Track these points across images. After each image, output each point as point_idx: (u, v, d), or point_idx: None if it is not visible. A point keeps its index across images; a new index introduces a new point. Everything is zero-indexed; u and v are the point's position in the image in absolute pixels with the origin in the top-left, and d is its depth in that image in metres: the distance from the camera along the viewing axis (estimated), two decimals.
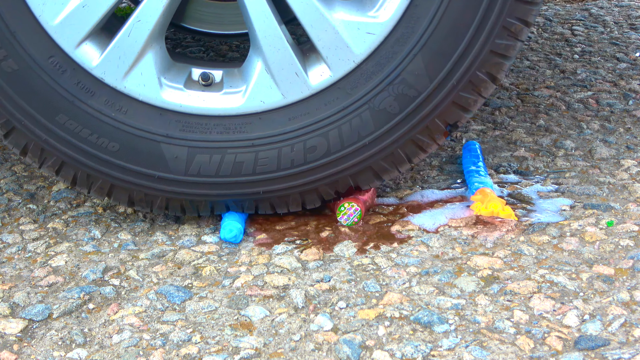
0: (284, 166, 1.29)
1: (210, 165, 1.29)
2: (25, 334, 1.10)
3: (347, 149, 1.28)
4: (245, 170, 1.29)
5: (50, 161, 1.31)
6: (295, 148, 1.28)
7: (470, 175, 1.48)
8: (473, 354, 1.01)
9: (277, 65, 1.25)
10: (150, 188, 1.31)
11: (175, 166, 1.29)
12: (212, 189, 1.31)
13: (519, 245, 1.27)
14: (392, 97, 1.25)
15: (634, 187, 1.47)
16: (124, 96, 1.27)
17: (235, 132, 1.28)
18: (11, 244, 1.36)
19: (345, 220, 1.36)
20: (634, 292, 1.13)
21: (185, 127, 1.28)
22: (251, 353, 1.03)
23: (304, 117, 1.27)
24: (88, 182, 1.32)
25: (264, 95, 1.26)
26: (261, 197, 1.32)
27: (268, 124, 1.28)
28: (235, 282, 1.21)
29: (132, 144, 1.28)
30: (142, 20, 1.23)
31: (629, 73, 2.21)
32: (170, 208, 1.34)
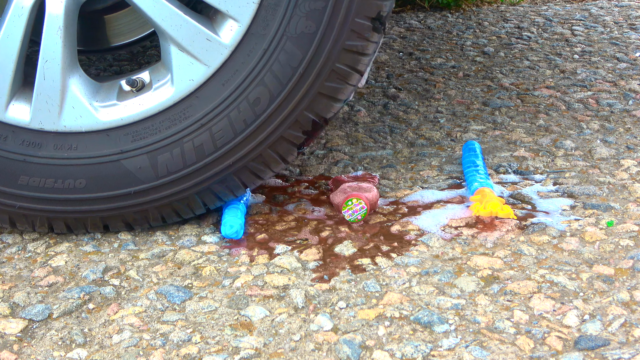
0: (240, 129, 1.27)
1: (175, 160, 1.29)
2: (25, 334, 1.10)
3: (288, 85, 1.26)
4: (207, 150, 1.28)
5: (38, 222, 1.33)
6: (241, 108, 1.26)
7: (470, 175, 1.49)
8: (473, 354, 1.01)
9: (187, 40, 1.24)
10: (135, 205, 1.32)
11: (144, 175, 1.29)
12: (189, 181, 1.30)
13: (519, 245, 1.27)
14: (303, 18, 1.22)
15: (634, 187, 1.47)
16: (68, 134, 1.28)
17: (181, 120, 1.28)
18: (11, 244, 1.36)
19: (349, 216, 1.36)
20: (634, 292, 1.13)
21: (135, 136, 1.28)
22: (251, 353, 1.03)
23: (236, 75, 1.26)
24: (81, 224, 1.34)
25: (189, 73, 1.26)
26: (236, 167, 1.30)
27: (207, 99, 1.27)
28: (235, 282, 1.21)
29: (95, 173, 1.29)
30: (49, 59, 1.24)
31: (628, 73, 2.21)
32: (165, 216, 1.34)
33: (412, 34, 2.73)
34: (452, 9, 3.10)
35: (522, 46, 2.53)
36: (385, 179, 1.56)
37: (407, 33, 2.74)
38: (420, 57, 2.43)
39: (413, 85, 2.16)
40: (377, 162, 1.65)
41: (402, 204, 1.44)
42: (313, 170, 1.62)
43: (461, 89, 2.12)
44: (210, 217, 1.41)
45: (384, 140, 1.78)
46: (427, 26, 2.84)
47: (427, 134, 1.80)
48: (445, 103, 2.01)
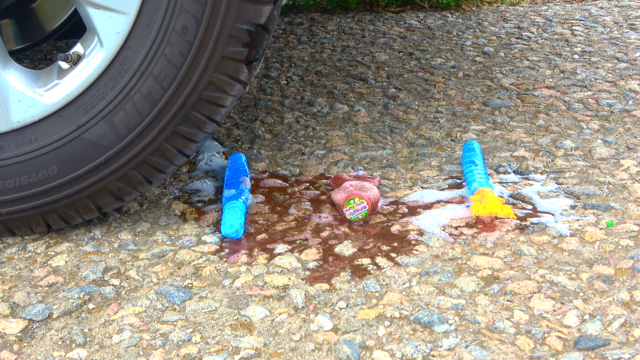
0: (179, 63, 1.25)
1: (130, 115, 1.27)
2: (25, 334, 1.10)
3: (207, 4, 1.24)
4: (157, 95, 1.27)
5: (34, 222, 1.33)
6: (173, 41, 1.24)
7: (470, 175, 1.49)
8: (473, 354, 1.01)
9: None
10: (112, 173, 1.30)
11: (107, 141, 1.28)
12: (152, 129, 1.28)
13: (519, 245, 1.28)
14: None
15: (633, 187, 1.47)
16: (24, 129, 1.29)
17: (122, 75, 1.26)
18: (11, 244, 1.36)
19: (350, 215, 1.36)
20: (634, 292, 1.13)
21: (86, 106, 1.27)
22: (251, 353, 1.03)
23: (156, 13, 1.23)
24: (73, 210, 1.33)
25: (112, 27, 1.24)
26: (192, 99, 1.28)
27: (138, 45, 1.25)
28: (235, 282, 1.21)
29: (62, 156, 1.29)
30: None
31: (628, 73, 2.21)
32: (148, 176, 1.32)
33: (412, 34, 2.73)
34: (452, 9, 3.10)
35: (522, 46, 2.53)
36: (385, 179, 1.56)
37: (407, 33, 2.74)
38: (420, 57, 2.43)
39: (413, 85, 2.16)
40: (377, 162, 1.65)
41: (402, 204, 1.44)
42: (313, 170, 1.62)
43: (461, 89, 2.12)
44: (210, 217, 1.41)
45: (384, 140, 1.78)
46: (427, 26, 2.84)
47: (427, 134, 1.80)
48: (445, 103, 2.01)
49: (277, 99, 2.06)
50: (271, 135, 1.82)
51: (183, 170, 1.63)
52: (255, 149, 1.74)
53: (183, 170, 1.63)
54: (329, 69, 2.31)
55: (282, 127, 1.87)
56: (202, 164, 1.65)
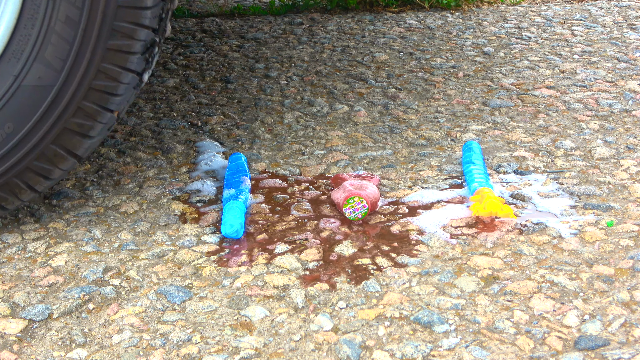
0: None
1: (59, 45, 1.24)
2: (25, 334, 1.10)
3: None
4: (74, 16, 1.25)
5: (18, 189, 1.31)
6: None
7: (470, 175, 1.49)
8: (473, 354, 1.01)
9: None
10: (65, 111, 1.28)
11: (47, 80, 1.25)
12: (85, 54, 1.26)
13: (519, 245, 1.28)
14: None
15: (633, 187, 1.47)
16: None
17: (38, 10, 1.24)
18: (11, 244, 1.36)
19: (350, 214, 1.36)
20: (634, 292, 1.13)
21: (15, 55, 1.24)
22: (251, 353, 1.03)
23: None
24: (48, 162, 1.30)
25: None
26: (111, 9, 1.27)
27: None
28: (235, 282, 1.21)
29: (13, 110, 1.26)
30: None
31: (628, 73, 2.21)
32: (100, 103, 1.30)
33: (412, 34, 2.73)
34: (452, 9, 3.10)
35: (522, 46, 2.53)
36: (385, 179, 1.56)
37: (407, 33, 2.74)
38: (420, 57, 2.43)
39: (413, 85, 2.16)
40: (377, 162, 1.65)
41: (402, 204, 1.44)
42: (313, 170, 1.62)
43: (461, 89, 2.12)
44: (210, 217, 1.41)
45: (384, 140, 1.78)
46: (427, 26, 2.84)
47: (427, 134, 1.80)
48: (445, 103, 2.01)
49: (277, 99, 2.06)
50: (271, 135, 1.82)
51: (183, 170, 1.63)
52: (255, 149, 1.74)
53: (183, 170, 1.63)
54: (329, 69, 2.31)
55: (282, 127, 1.87)
56: (202, 164, 1.65)
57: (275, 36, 2.70)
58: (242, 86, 2.17)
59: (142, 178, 1.60)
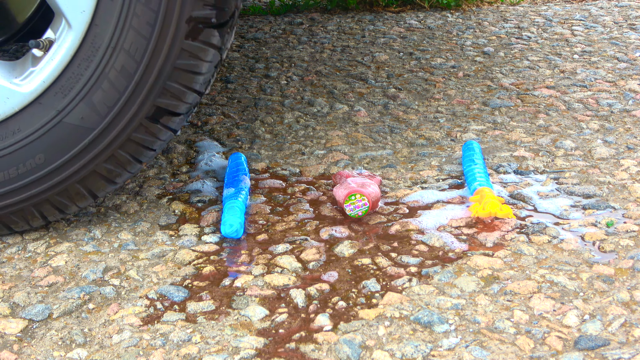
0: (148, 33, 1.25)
1: (108, 92, 1.26)
2: (25, 334, 1.10)
3: None
4: (131, 69, 1.26)
5: (30, 215, 1.33)
6: (138, 11, 1.24)
7: (470, 175, 1.49)
8: (473, 354, 1.01)
9: None
10: (99, 154, 1.29)
11: (89, 122, 1.27)
12: (135, 104, 1.28)
13: (519, 245, 1.27)
14: None
15: (633, 187, 1.47)
16: (6, 121, 1.28)
17: (94, 53, 1.25)
18: (11, 244, 1.35)
19: (350, 211, 1.36)
20: (634, 292, 1.13)
21: (63, 91, 1.27)
22: (251, 353, 1.03)
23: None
24: (67, 198, 1.32)
25: (77, 7, 1.24)
26: (166, 69, 1.28)
27: (105, 20, 1.24)
28: (235, 282, 1.21)
29: (48, 143, 1.28)
30: None
31: (628, 73, 2.21)
32: (135, 154, 1.31)
33: (412, 34, 2.73)
34: (452, 9, 3.10)
35: (522, 46, 2.53)
36: (385, 179, 1.56)
37: (407, 33, 2.74)
38: (420, 57, 2.43)
39: (413, 85, 2.16)
40: (377, 162, 1.65)
41: (402, 204, 1.44)
42: (313, 171, 1.62)
43: (461, 89, 2.12)
44: (210, 217, 1.41)
45: (384, 140, 1.78)
46: (427, 26, 2.84)
47: (427, 134, 1.80)
48: (445, 103, 2.01)
49: (277, 99, 2.06)
50: (271, 135, 1.82)
51: (183, 170, 1.63)
52: (255, 149, 1.74)
53: (183, 170, 1.63)
54: (329, 69, 2.31)
55: (282, 127, 1.87)
56: (202, 164, 1.65)
57: (275, 36, 2.70)
58: (242, 86, 2.17)
59: (142, 178, 1.60)
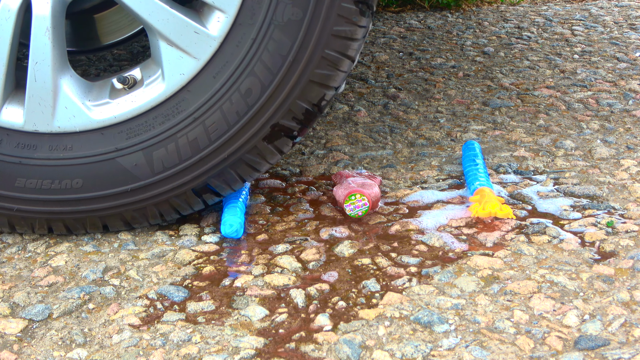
0: (234, 121, 1.27)
1: (170, 155, 1.28)
2: (25, 334, 1.10)
3: (279, 74, 1.25)
4: (202, 143, 1.28)
5: (37, 224, 1.33)
6: (233, 100, 1.26)
7: (470, 175, 1.48)
8: (473, 354, 1.01)
9: (175, 34, 1.24)
10: (133, 203, 1.31)
11: (140, 172, 1.29)
12: (185, 176, 1.30)
13: (519, 245, 1.27)
14: (290, 5, 1.22)
15: (634, 187, 1.47)
16: (63, 135, 1.28)
17: (174, 115, 1.28)
18: (11, 244, 1.36)
19: (350, 210, 1.36)
20: (634, 292, 1.13)
21: (129, 133, 1.28)
22: (251, 353, 1.03)
23: (226, 67, 1.25)
24: (79, 224, 1.34)
25: (180, 67, 1.25)
26: (231, 160, 1.30)
27: (199, 92, 1.27)
28: (235, 282, 1.21)
29: (91, 172, 1.29)
30: (39, 61, 1.25)
31: (628, 73, 2.21)
32: (164, 213, 1.34)
33: (412, 34, 2.73)
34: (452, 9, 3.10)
35: (522, 46, 2.53)
36: (385, 179, 1.56)
37: (407, 33, 2.74)
38: (420, 57, 2.43)
39: (413, 85, 2.16)
40: (377, 162, 1.65)
41: (402, 204, 1.44)
42: (313, 171, 1.62)
43: (461, 89, 2.12)
44: (210, 217, 1.41)
45: (384, 140, 1.78)
46: (427, 26, 2.84)
47: (427, 134, 1.80)
48: (445, 103, 2.01)
49: None
50: None
51: None
52: None
53: None
54: None
55: None
56: None
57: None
58: None
59: None
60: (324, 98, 1.28)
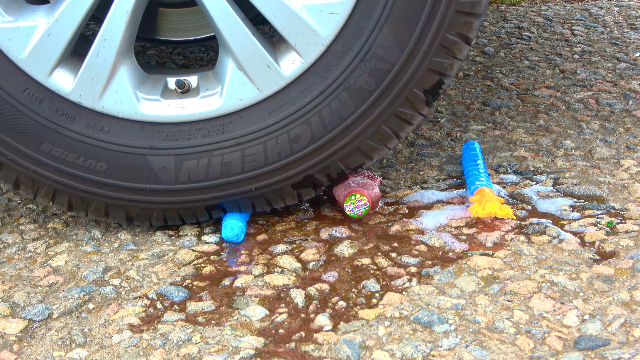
0: (272, 159, 1.29)
1: (199, 169, 1.29)
2: (25, 334, 1.10)
3: (331, 133, 1.27)
4: (234, 169, 1.29)
5: (43, 191, 1.32)
6: (280, 140, 1.28)
7: (470, 175, 1.48)
8: (473, 354, 1.01)
9: (247, 61, 1.24)
10: (144, 202, 1.31)
11: (164, 176, 1.29)
12: (204, 193, 1.31)
13: (519, 245, 1.27)
14: (366, 74, 1.24)
15: (634, 187, 1.47)
16: (104, 116, 1.28)
17: (218, 134, 1.28)
18: (11, 244, 1.36)
19: (350, 210, 1.36)
20: (634, 292, 1.13)
21: (168, 136, 1.28)
22: (251, 353, 1.03)
23: (284, 108, 1.27)
24: (84, 205, 1.33)
25: (240, 92, 1.26)
26: (255, 194, 1.32)
27: (249, 121, 1.27)
28: (235, 282, 1.21)
29: (119, 161, 1.29)
30: (108, 39, 1.24)
31: (629, 73, 2.21)
32: (168, 219, 1.34)
33: None
34: None
35: (522, 46, 2.53)
36: (385, 179, 1.56)
37: None
38: None
39: None
40: (377, 162, 1.65)
41: (402, 204, 1.44)
42: None
43: (461, 89, 2.12)
44: None
45: None
46: None
47: (427, 134, 1.80)
48: (445, 103, 2.01)
49: None
50: None
51: None
52: None
53: None
54: None
55: None
56: None
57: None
58: None
59: None
60: (361, 166, 1.32)
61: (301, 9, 1.22)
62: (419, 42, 1.23)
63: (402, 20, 1.21)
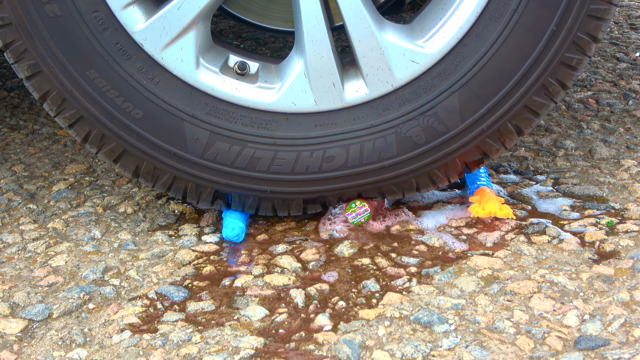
0: (298, 170, 1.29)
1: (228, 154, 1.29)
2: (25, 334, 1.10)
3: (364, 167, 1.29)
4: (260, 166, 1.29)
5: (68, 113, 1.28)
6: (314, 155, 1.28)
7: (470, 175, 1.48)
8: (473, 354, 1.01)
9: (316, 72, 1.25)
10: (162, 162, 1.30)
11: (193, 147, 1.28)
12: (222, 178, 1.30)
13: (519, 245, 1.27)
14: (420, 128, 1.26)
15: (634, 187, 1.47)
16: (159, 67, 1.26)
17: (259, 128, 1.28)
18: (11, 244, 1.36)
19: (352, 219, 1.36)
20: (634, 292, 1.13)
21: (212, 111, 1.27)
22: (251, 353, 1.03)
23: (330, 127, 1.28)
24: (100, 141, 1.30)
25: (297, 97, 1.26)
26: (267, 196, 1.32)
27: (294, 126, 1.28)
28: (235, 282, 1.21)
29: (156, 115, 1.27)
30: None
31: (629, 73, 2.21)
32: (173, 188, 1.33)
33: None
34: None
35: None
36: None
37: None
38: None
39: None
40: None
41: (402, 204, 1.44)
42: None
43: None
44: (209, 217, 1.41)
45: None
46: None
47: None
48: None
49: None
50: None
51: None
52: None
53: None
54: None
55: None
56: None
57: (275, 36, 2.70)
58: None
59: None
60: (370, 199, 1.35)
61: (387, 46, 1.23)
62: (481, 119, 1.25)
63: (473, 94, 1.24)
